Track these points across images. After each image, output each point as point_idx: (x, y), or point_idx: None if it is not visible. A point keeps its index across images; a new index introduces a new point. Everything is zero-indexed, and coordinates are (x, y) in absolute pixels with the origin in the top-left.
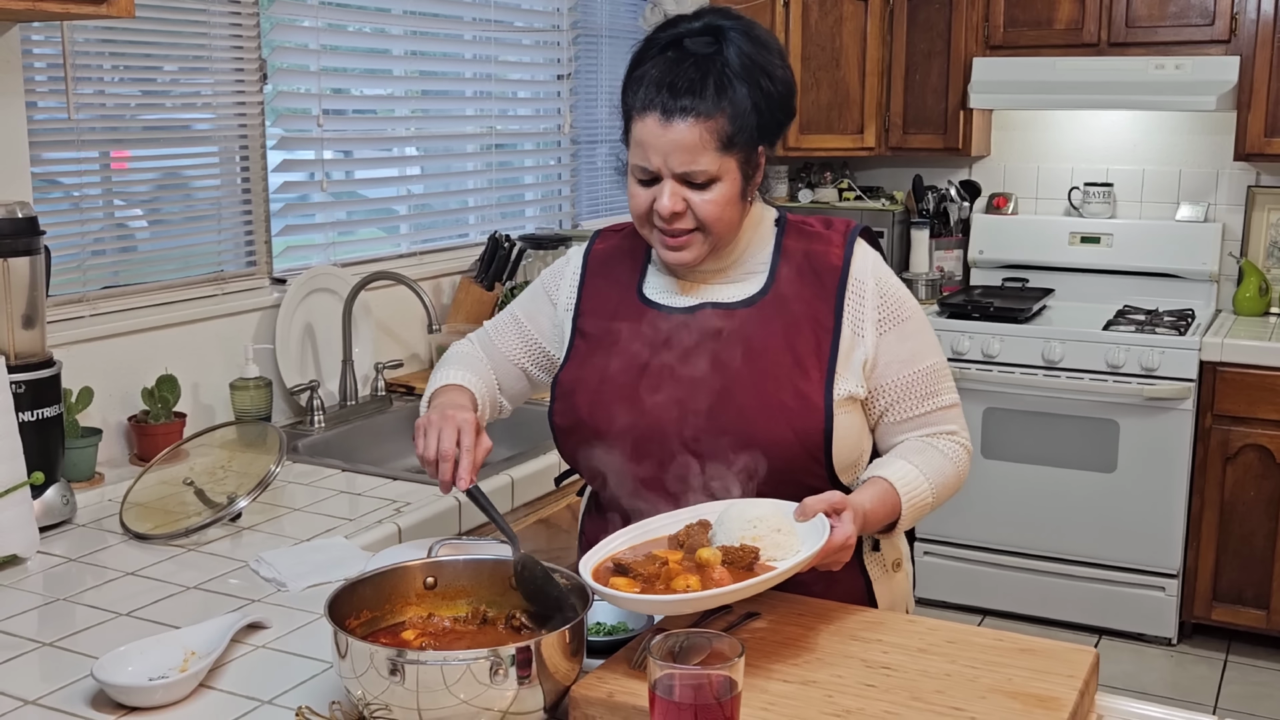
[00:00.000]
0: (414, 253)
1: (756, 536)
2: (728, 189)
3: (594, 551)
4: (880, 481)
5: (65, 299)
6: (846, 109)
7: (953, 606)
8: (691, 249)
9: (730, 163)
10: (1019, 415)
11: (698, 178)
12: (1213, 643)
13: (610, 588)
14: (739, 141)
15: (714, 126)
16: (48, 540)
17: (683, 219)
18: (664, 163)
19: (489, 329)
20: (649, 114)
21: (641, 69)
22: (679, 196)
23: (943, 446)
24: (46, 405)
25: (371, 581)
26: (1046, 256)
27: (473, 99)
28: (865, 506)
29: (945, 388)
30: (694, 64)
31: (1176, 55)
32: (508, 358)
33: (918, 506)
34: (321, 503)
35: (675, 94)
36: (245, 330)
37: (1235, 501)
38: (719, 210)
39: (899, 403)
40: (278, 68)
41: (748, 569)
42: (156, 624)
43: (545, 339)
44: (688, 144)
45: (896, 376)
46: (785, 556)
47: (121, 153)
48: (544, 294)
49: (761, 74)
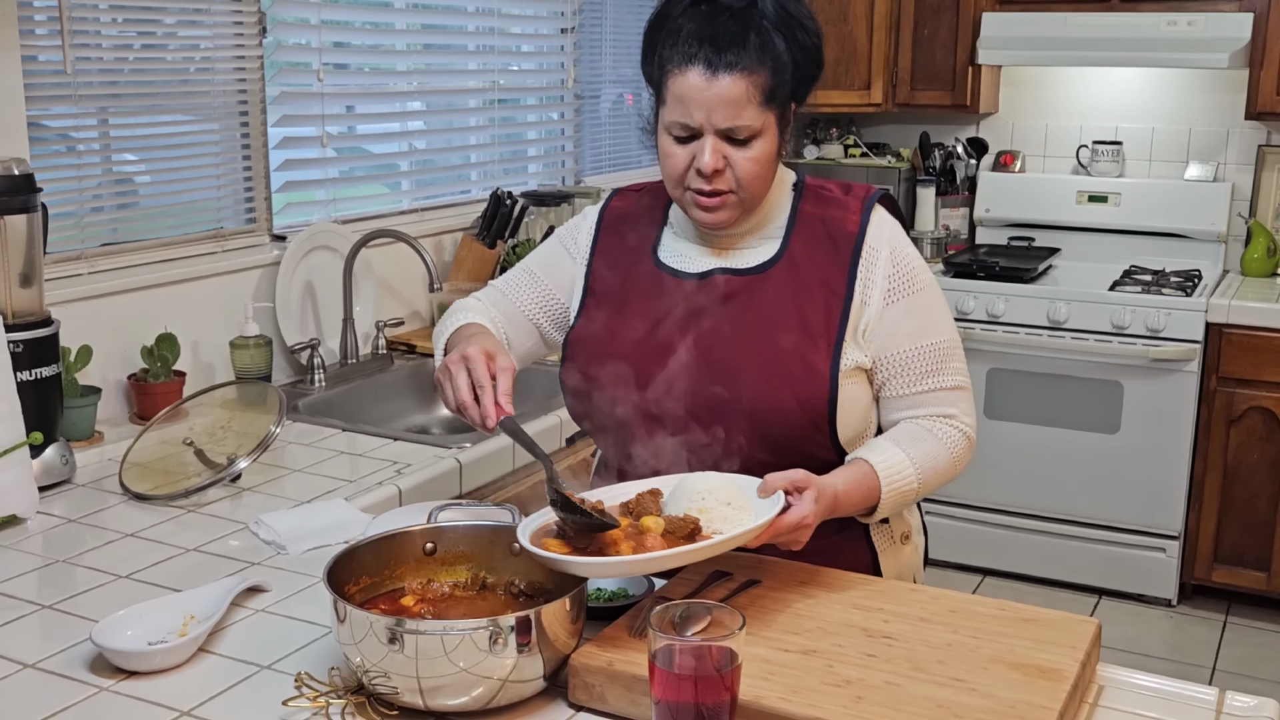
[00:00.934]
0: (415, 209)
1: (703, 509)
2: (767, 145)
3: (540, 514)
4: (861, 464)
5: (63, 256)
6: (854, 64)
7: (954, 566)
8: (726, 210)
9: (770, 118)
10: (1023, 376)
11: (741, 133)
12: (1213, 604)
13: (543, 548)
14: (779, 96)
15: (758, 80)
16: (47, 500)
17: (722, 178)
18: (707, 118)
19: (500, 285)
20: (691, 68)
21: (672, 23)
22: (720, 153)
23: (940, 432)
24: (45, 365)
25: (371, 547)
26: (1053, 215)
27: (475, 53)
28: (837, 488)
29: (953, 369)
30: (731, 17)
31: (1189, 11)
32: (522, 312)
33: (900, 493)
34: (322, 464)
35: (719, 48)
36: (245, 288)
37: (1238, 464)
38: (758, 168)
39: (898, 376)
40: (278, 20)
41: (687, 538)
42: (156, 587)
43: (562, 293)
44: (733, 98)
45: (899, 349)
46: (731, 530)
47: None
48: (561, 248)
49: (798, 26)
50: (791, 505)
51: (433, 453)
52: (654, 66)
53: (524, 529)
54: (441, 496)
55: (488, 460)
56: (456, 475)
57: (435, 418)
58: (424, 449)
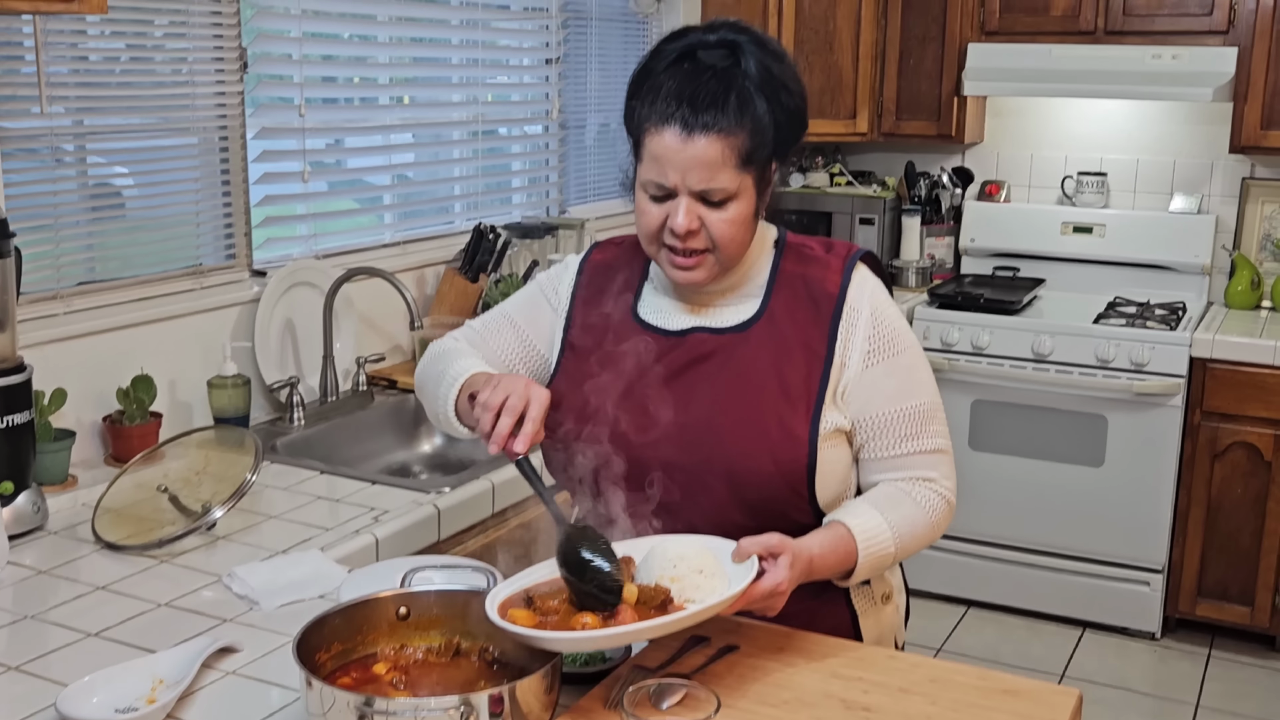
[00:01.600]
0: (397, 242)
1: (675, 577)
2: (743, 207)
3: (510, 582)
4: (838, 527)
5: (38, 296)
6: (839, 93)
7: (937, 598)
8: (702, 269)
9: (748, 180)
10: (1007, 408)
11: (715, 195)
12: (1196, 638)
13: (509, 619)
14: (757, 158)
15: (735, 143)
16: (18, 549)
17: (696, 238)
18: (682, 179)
19: (479, 328)
20: (668, 127)
21: (653, 79)
22: (694, 214)
23: (918, 495)
24: (17, 411)
25: (343, 613)
26: (1038, 246)
27: (459, 85)
28: (812, 552)
29: (933, 431)
30: (713, 76)
31: (1174, 45)
32: (500, 358)
33: (878, 558)
34: (299, 509)
35: (696, 108)
36: (224, 326)
37: (1222, 498)
38: (733, 229)
39: (878, 439)
40: (259, 55)
41: (660, 609)
42: (125, 645)
43: (542, 343)
44: (708, 160)
45: (879, 412)
46: (705, 598)
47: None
48: (542, 297)
49: (780, 88)
50: (766, 571)
51: (411, 498)
52: (633, 122)
53: (492, 600)
54: (419, 544)
55: (466, 505)
56: (435, 522)
57: (416, 454)
58: (402, 494)
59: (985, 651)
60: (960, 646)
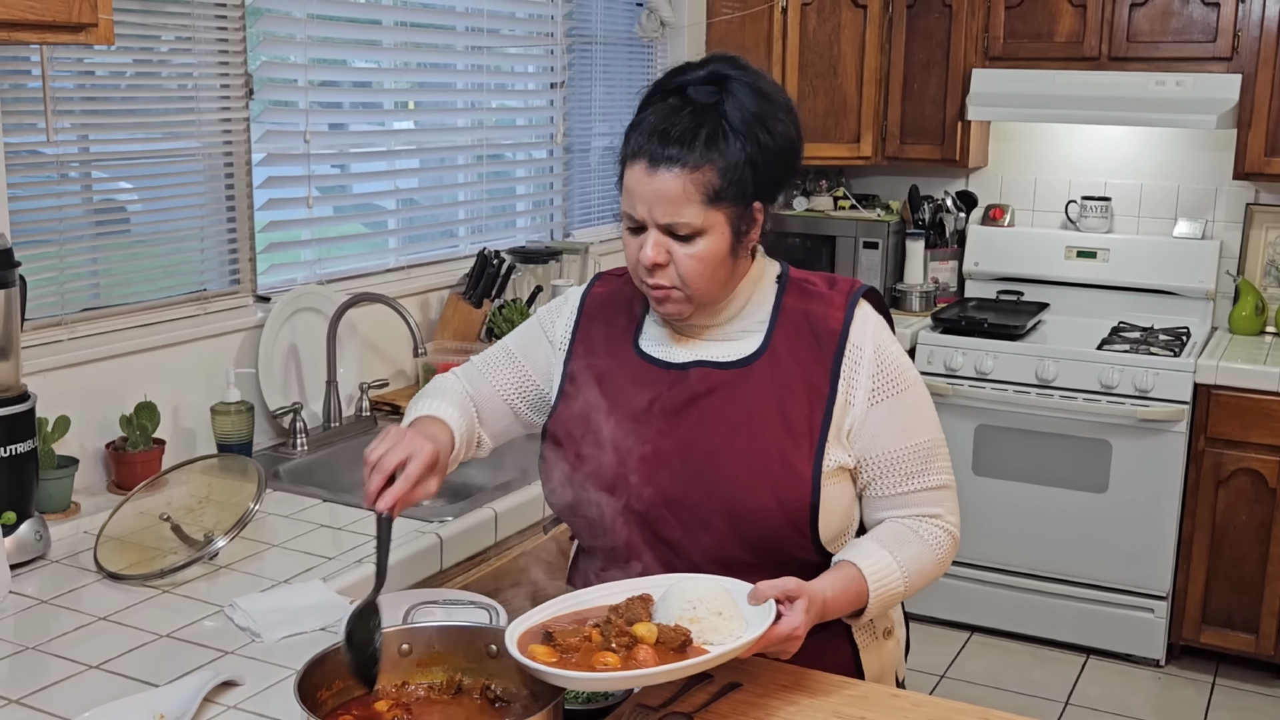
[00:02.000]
0: (401, 266)
1: (694, 618)
2: (713, 244)
3: (528, 616)
4: (849, 568)
5: (43, 323)
6: (843, 117)
7: (941, 623)
8: (673, 303)
9: (717, 216)
10: (1011, 433)
11: (681, 229)
12: (1200, 665)
13: (529, 655)
14: (728, 195)
15: (700, 179)
16: (20, 578)
17: (663, 272)
18: (648, 212)
19: (478, 363)
20: (637, 161)
21: (641, 115)
22: (662, 248)
23: (925, 532)
24: (20, 440)
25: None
26: (1042, 270)
27: (465, 110)
28: (825, 595)
29: (937, 467)
30: (691, 113)
31: (1177, 71)
32: (498, 393)
33: (887, 597)
34: (301, 537)
35: (664, 143)
36: (228, 351)
37: (1227, 525)
38: (701, 266)
39: (883, 477)
40: (265, 81)
41: (679, 650)
42: (127, 679)
43: (539, 376)
44: (671, 194)
45: (884, 450)
46: (723, 641)
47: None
48: (540, 331)
49: (760, 128)
50: (783, 615)
51: (414, 527)
52: (619, 159)
53: (511, 633)
54: (422, 573)
55: (468, 534)
56: (437, 551)
57: None
58: (405, 522)
59: (988, 678)
60: (963, 673)
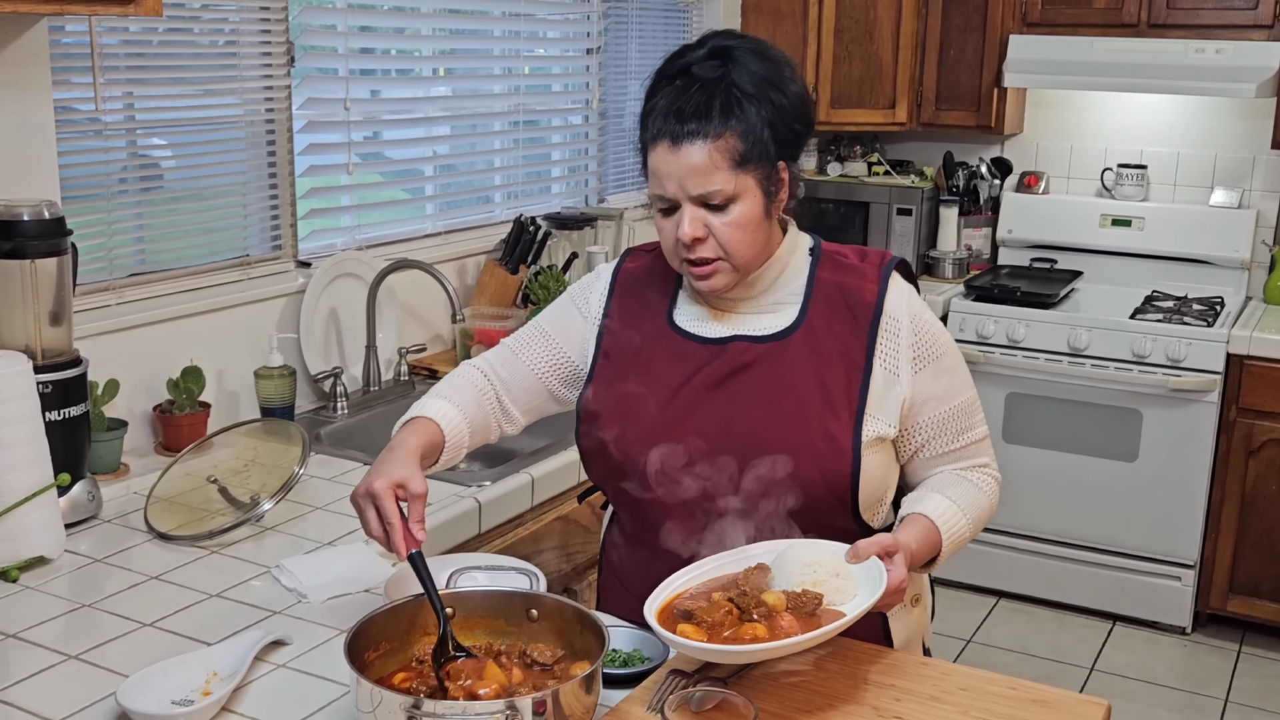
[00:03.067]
0: (439, 232)
1: (817, 581)
2: (747, 208)
3: (655, 595)
4: (922, 519)
5: (92, 288)
6: (879, 83)
7: (968, 588)
8: (719, 276)
9: (748, 180)
10: (1042, 401)
11: (714, 198)
12: (1227, 633)
13: (681, 635)
14: (753, 158)
15: (724, 145)
16: (74, 537)
17: (705, 245)
18: (679, 188)
19: (512, 344)
20: (659, 143)
21: (652, 102)
22: (699, 222)
23: (976, 479)
24: (73, 404)
25: (390, 612)
26: (1076, 238)
27: (501, 76)
28: (912, 546)
29: (976, 421)
30: (700, 88)
31: (1217, 39)
32: (533, 372)
33: (956, 541)
34: (342, 500)
35: (682, 120)
36: (270, 316)
37: (1256, 495)
38: (740, 232)
39: (934, 440)
40: (306, 49)
41: (811, 615)
42: (179, 636)
43: (573, 351)
44: (699, 166)
45: (932, 414)
46: (843, 600)
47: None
48: (573, 306)
49: (772, 89)
50: (890, 570)
51: (452, 491)
52: (639, 145)
53: (649, 611)
54: (461, 536)
55: (506, 499)
56: (476, 515)
57: None
58: (444, 486)
59: (1015, 643)
60: (990, 638)
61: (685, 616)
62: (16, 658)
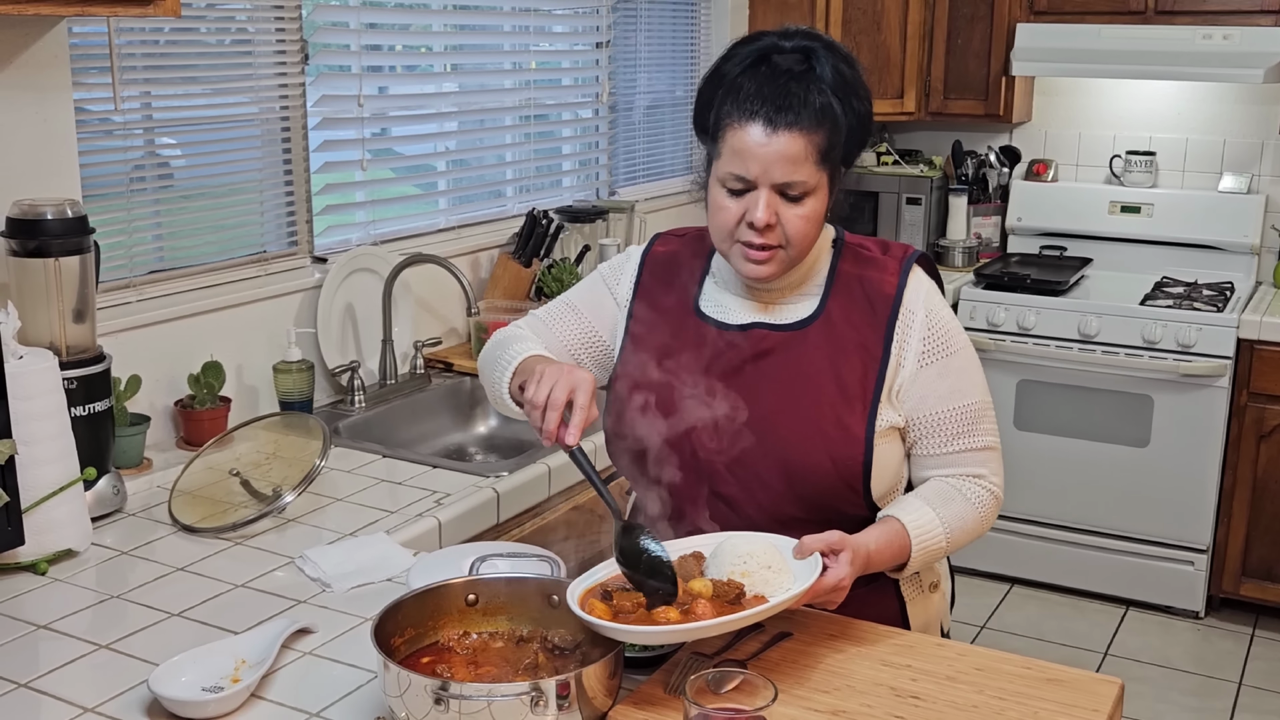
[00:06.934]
0: (452, 227)
1: (746, 572)
2: (818, 204)
3: (586, 576)
4: (893, 522)
5: (113, 285)
6: (887, 72)
7: (982, 575)
8: (774, 264)
9: (824, 177)
10: (1053, 388)
11: (794, 189)
12: (1240, 617)
13: (588, 610)
14: (833, 157)
15: (816, 140)
16: (100, 530)
17: (772, 233)
18: (764, 172)
19: (542, 315)
20: (752, 124)
21: (731, 81)
22: (772, 209)
23: (968, 491)
24: (97, 399)
25: (416, 599)
26: (1086, 225)
27: (511, 71)
28: (869, 548)
29: (984, 429)
30: (791, 79)
31: (1224, 25)
32: (564, 346)
33: (930, 551)
34: (363, 492)
35: (779, 107)
36: (287, 311)
37: (1267, 479)
38: (807, 225)
39: (929, 437)
40: (319, 47)
41: (734, 603)
42: (207, 626)
43: (605, 331)
44: (791, 154)
45: (931, 411)
46: (775, 593)
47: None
48: (604, 286)
49: (853, 94)
50: (829, 568)
51: (471, 482)
52: (710, 121)
53: (573, 591)
54: (480, 526)
55: (523, 489)
56: (494, 505)
57: (472, 435)
58: (462, 477)
59: (1029, 629)
60: (1004, 624)
61: (605, 597)
62: (47, 648)
